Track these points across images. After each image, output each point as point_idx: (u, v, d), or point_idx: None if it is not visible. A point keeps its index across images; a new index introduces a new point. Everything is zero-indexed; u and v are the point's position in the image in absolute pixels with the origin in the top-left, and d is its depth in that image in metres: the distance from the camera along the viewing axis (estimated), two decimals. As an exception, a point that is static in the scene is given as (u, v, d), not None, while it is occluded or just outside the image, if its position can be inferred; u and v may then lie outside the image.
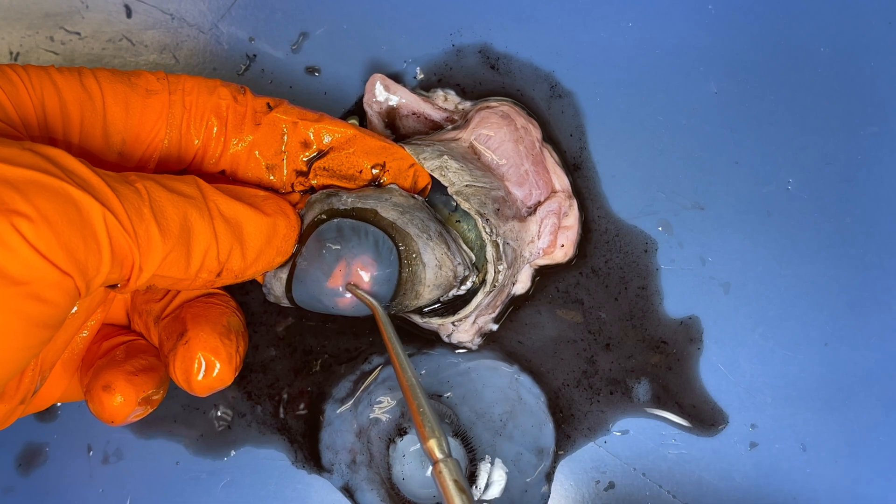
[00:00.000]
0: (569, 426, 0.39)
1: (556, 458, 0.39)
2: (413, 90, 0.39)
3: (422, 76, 0.40)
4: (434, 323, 0.36)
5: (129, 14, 0.40)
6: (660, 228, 0.40)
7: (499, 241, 0.35)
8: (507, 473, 0.38)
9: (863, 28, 0.40)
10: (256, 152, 0.33)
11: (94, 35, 0.40)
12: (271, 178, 0.34)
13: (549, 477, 0.38)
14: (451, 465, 0.28)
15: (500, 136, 0.37)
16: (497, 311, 0.39)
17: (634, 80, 0.40)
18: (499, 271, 0.35)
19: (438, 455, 0.28)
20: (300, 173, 0.34)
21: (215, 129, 0.32)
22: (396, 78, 0.40)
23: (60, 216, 0.23)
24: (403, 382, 0.30)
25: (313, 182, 0.34)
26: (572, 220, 0.39)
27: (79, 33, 0.40)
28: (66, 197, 0.23)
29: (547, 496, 0.38)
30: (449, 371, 0.39)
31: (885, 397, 0.39)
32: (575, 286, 0.39)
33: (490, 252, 0.34)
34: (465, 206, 0.34)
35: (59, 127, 0.29)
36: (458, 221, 0.36)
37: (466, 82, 0.40)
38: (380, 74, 0.38)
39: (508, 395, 0.39)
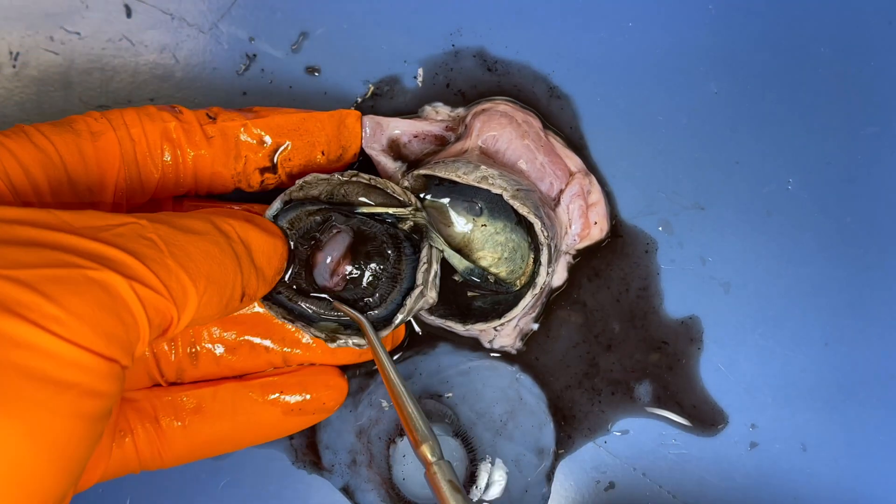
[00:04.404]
0: (569, 426, 0.39)
1: (557, 458, 0.39)
2: (404, 116, 0.39)
3: (421, 80, 0.40)
4: (476, 329, 0.36)
5: (128, 14, 0.40)
6: (660, 228, 0.40)
7: (552, 243, 0.34)
8: (507, 473, 0.38)
9: (863, 28, 0.40)
10: (217, 164, 0.33)
11: (94, 35, 0.40)
12: (238, 184, 0.34)
13: (549, 477, 0.38)
14: (445, 466, 0.29)
15: (506, 135, 0.36)
16: (537, 310, 0.39)
17: (634, 79, 0.40)
18: (549, 273, 0.34)
19: (431, 458, 0.29)
20: (265, 170, 0.34)
21: (168, 155, 0.32)
22: (395, 79, 0.40)
23: (90, 305, 0.22)
24: (391, 390, 0.31)
25: (283, 176, 0.34)
26: (596, 195, 0.39)
27: (79, 33, 0.40)
28: (88, 282, 0.22)
29: (547, 496, 0.38)
30: (449, 371, 0.39)
31: (886, 397, 0.39)
32: (577, 288, 0.40)
33: (545, 255, 0.34)
34: (522, 211, 0.33)
35: (30, 194, 0.28)
36: (485, 225, 0.36)
37: (467, 86, 0.40)
38: (367, 116, 0.37)
39: (509, 394, 0.39)
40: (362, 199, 0.34)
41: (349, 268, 0.33)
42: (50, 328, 0.21)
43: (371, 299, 0.34)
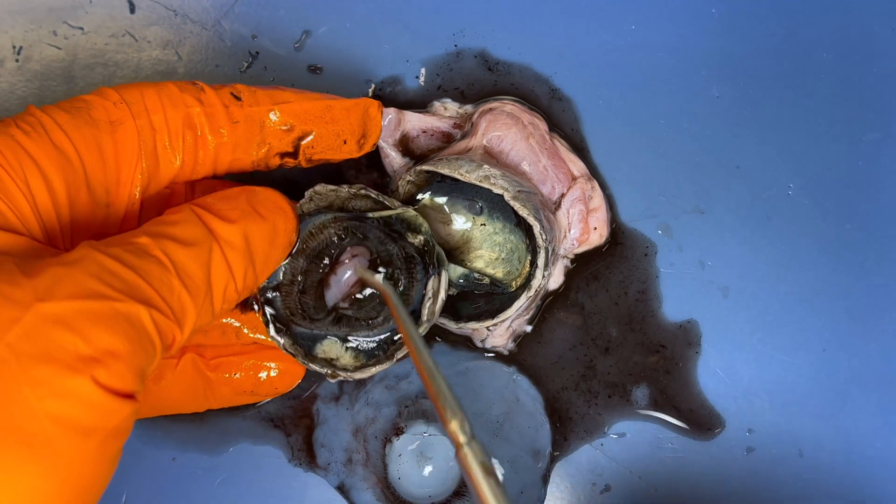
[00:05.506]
0: (566, 429, 0.39)
1: (553, 460, 0.39)
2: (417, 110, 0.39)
3: (423, 80, 0.40)
4: (469, 328, 0.36)
5: (132, 10, 0.40)
6: (659, 232, 0.40)
7: (550, 247, 0.34)
8: (503, 474, 0.38)
9: (865, 34, 0.40)
10: (238, 151, 0.32)
11: (97, 30, 0.40)
12: (257, 167, 0.33)
13: (545, 479, 0.38)
14: (476, 447, 0.26)
15: (511, 135, 0.36)
16: (531, 313, 0.39)
17: (636, 82, 0.40)
18: (545, 276, 0.34)
19: (462, 438, 0.26)
20: (286, 154, 0.33)
21: (189, 143, 0.31)
22: (398, 79, 0.40)
23: (123, 341, 0.22)
24: (419, 365, 0.28)
25: (302, 162, 0.34)
26: (598, 200, 0.39)
27: (82, 28, 0.40)
28: (118, 316, 0.22)
29: (543, 498, 0.38)
30: (446, 371, 0.39)
31: (883, 404, 0.39)
32: (575, 290, 0.39)
33: (541, 258, 0.34)
34: (522, 212, 0.33)
35: (49, 206, 0.27)
36: (484, 225, 0.36)
37: (466, 86, 0.40)
38: (388, 108, 0.37)
39: (506, 396, 0.39)
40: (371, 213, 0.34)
41: (363, 289, 0.33)
42: (94, 375, 0.21)
43: (375, 320, 0.34)
